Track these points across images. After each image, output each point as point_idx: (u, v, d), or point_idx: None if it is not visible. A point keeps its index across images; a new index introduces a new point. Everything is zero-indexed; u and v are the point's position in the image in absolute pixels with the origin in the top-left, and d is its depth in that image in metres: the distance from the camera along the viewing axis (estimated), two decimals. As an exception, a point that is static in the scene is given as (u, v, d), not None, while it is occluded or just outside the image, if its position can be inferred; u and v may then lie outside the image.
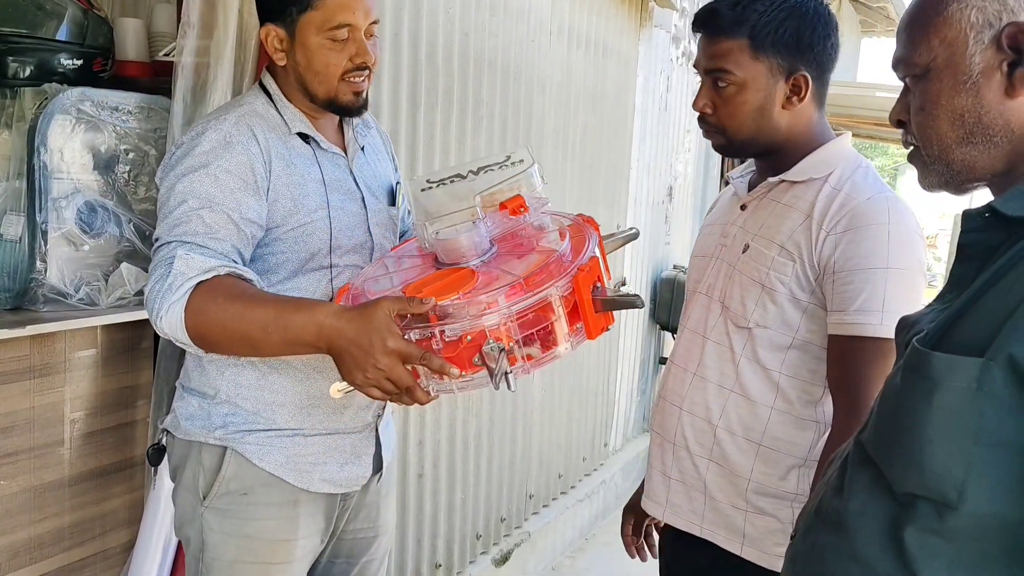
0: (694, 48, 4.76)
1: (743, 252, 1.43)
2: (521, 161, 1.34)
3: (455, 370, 1.16)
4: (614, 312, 1.26)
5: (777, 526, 1.41)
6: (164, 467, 1.60)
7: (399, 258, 1.44)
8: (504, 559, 3.20)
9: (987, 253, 0.82)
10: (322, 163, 1.46)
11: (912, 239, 1.32)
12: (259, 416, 1.44)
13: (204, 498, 1.44)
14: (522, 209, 1.30)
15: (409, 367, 1.18)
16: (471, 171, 1.36)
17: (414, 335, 1.17)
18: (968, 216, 0.86)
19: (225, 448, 1.43)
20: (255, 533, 1.44)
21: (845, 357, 1.32)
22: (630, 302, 1.23)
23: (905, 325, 0.93)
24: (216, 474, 1.43)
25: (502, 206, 1.30)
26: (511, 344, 1.16)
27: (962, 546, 0.77)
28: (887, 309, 1.28)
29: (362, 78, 1.42)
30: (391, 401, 1.24)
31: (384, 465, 1.60)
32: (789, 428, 1.40)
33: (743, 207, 1.49)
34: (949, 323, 0.80)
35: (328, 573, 1.62)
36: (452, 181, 1.36)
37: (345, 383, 1.22)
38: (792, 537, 0.98)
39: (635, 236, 1.46)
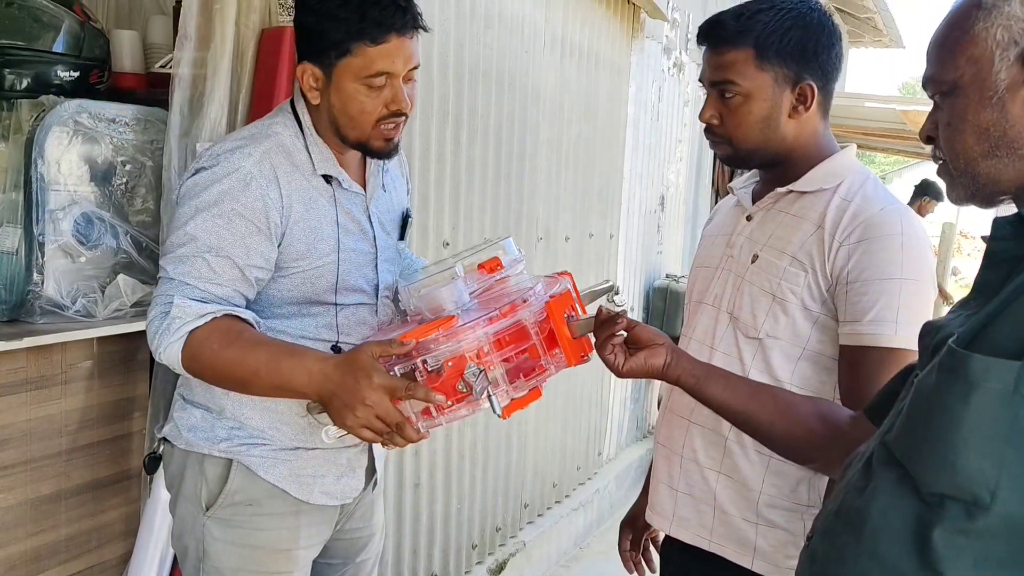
0: (685, 59, 4.79)
1: (752, 263, 1.43)
2: (500, 239, 1.44)
3: (440, 397, 1.21)
4: (592, 341, 1.30)
5: (788, 539, 1.39)
6: (159, 478, 1.60)
7: (393, 328, 1.50)
8: (499, 569, 3.19)
9: (1015, 260, 0.84)
10: (340, 203, 1.45)
11: (923, 250, 1.32)
12: (264, 433, 1.45)
13: (207, 508, 1.44)
14: (498, 267, 1.37)
15: (404, 416, 1.22)
16: (455, 255, 1.46)
17: (399, 370, 1.23)
18: (997, 224, 0.88)
19: (230, 460, 1.44)
20: (258, 543, 1.45)
21: (859, 367, 1.31)
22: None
23: (930, 330, 0.94)
24: (221, 485, 1.44)
25: (480, 267, 1.37)
26: (492, 368, 1.23)
27: (989, 545, 0.79)
28: (901, 319, 1.27)
29: (395, 125, 1.40)
30: (383, 443, 1.27)
31: (376, 475, 1.62)
32: None
33: (749, 217, 1.48)
34: (980, 327, 0.82)
35: (324, 575, 1.63)
36: (440, 263, 1.47)
37: (336, 428, 1.26)
38: (808, 539, 0.98)
39: (610, 289, 1.48)
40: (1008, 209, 0.93)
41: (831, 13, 1.43)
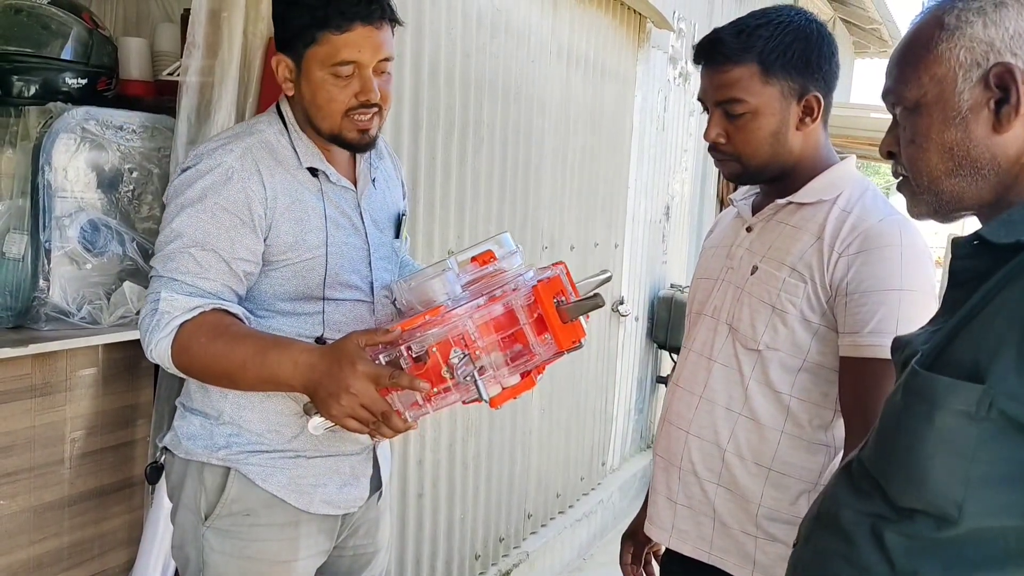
0: (691, 69, 4.81)
1: (751, 274, 1.42)
2: (496, 234, 1.44)
3: (425, 385, 1.20)
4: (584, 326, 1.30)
5: (788, 552, 1.38)
6: (162, 486, 1.59)
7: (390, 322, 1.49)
8: (502, 579, 3.18)
9: (977, 278, 0.86)
10: (328, 198, 1.45)
11: (924, 260, 1.32)
12: (262, 438, 1.44)
13: (206, 518, 1.44)
14: (492, 259, 1.36)
15: (391, 405, 1.22)
16: (452, 253, 1.47)
17: (384, 358, 1.23)
18: (958, 244, 0.90)
19: (228, 469, 1.43)
20: (256, 554, 1.44)
21: (858, 379, 1.31)
22: (592, 304, 1.27)
23: (899, 345, 0.96)
24: (219, 495, 1.43)
25: (473, 260, 1.37)
26: (478, 353, 1.22)
27: (960, 551, 0.82)
28: (901, 331, 1.24)
29: (368, 116, 1.39)
30: (369, 433, 1.26)
31: (382, 485, 1.60)
32: (800, 452, 1.39)
33: (749, 229, 1.48)
34: (943, 345, 0.84)
35: None
36: (436, 262, 1.47)
37: (322, 419, 1.26)
38: (795, 545, 1.01)
39: (608, 279, 1.47)
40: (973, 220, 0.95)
41: (826, 23, 1.43)
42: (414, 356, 1.23)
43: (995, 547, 0.80)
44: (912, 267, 1.29)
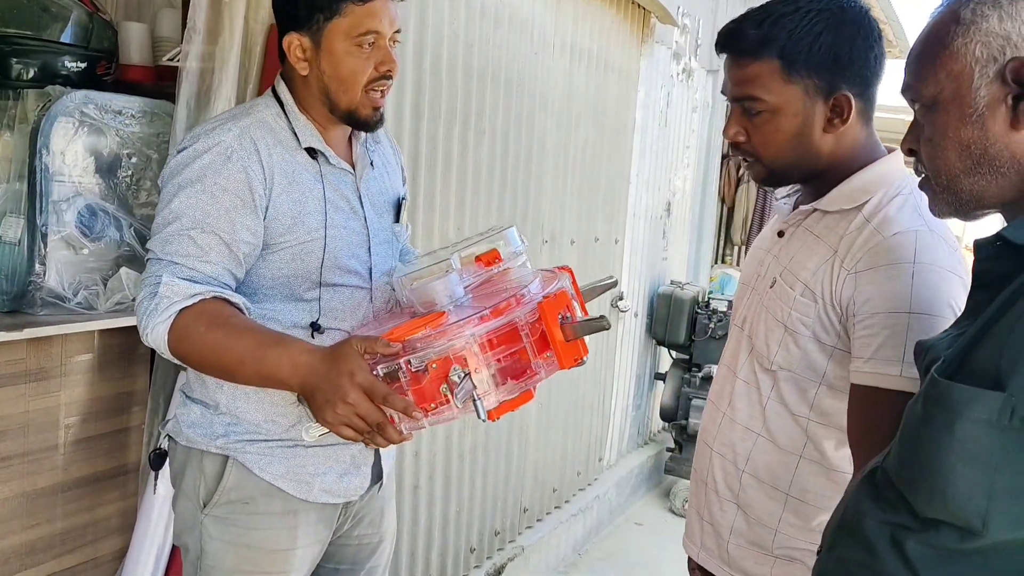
0: (695, 64, 4.77)
1: (771, 287, 1.31)
2: (502, 228, 1.42)
3: (419, 412, 1.19)
4: (587, 342, 1.26)
5: (805, 571, 1.31)
6: (164, 472, 1.58)
7: (389, 317, 1.47)
8: (497, 573, 3.17)
9: (1000, 281, 0.83)
10: (327, 180, 1.44)
11: (942, 279, 1.15)
12: (260, 427, 1.43)
13: (204, 506, 1.43)
14: (496, 260, 1.33)
15: (386, 416, 1.21)
16: (455, 243, 1.44)
17: (382, 369, 1.21)
18: (980, 245, 0.87)
19: (227, 457, 1.42)
20: (254, 542, 1.43)
21: (863, 409, 1.18)
22: (598, 325, 1.22)
23: (922, 350, 0.93)
24: (217, 483, 1.42)
25: (477, 259, 1.34)
26: (479, 370, 1.19)
27: (983, 564, 0.79)
28: (908, 360, 1.11)
29: (383, 89, 1.41)
30: (364, 442, 1.25)
31: (384, 474, 1.60)
32: (821, 479, 1.29)
33: (780, 233, 1.36)
34: (965, 351, 0.82)
35: None
36: (438, 251, 1.45)
37: (317, 425, 1.24)
38: (818, 553, 0.99)
39: (613, 285, 1.43)
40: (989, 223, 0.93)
41: (868, 7, 1.26)
42: (413, 369, 1.20)
43: (1022, 560, 0.78)
44: (926, 288, 1.14)
